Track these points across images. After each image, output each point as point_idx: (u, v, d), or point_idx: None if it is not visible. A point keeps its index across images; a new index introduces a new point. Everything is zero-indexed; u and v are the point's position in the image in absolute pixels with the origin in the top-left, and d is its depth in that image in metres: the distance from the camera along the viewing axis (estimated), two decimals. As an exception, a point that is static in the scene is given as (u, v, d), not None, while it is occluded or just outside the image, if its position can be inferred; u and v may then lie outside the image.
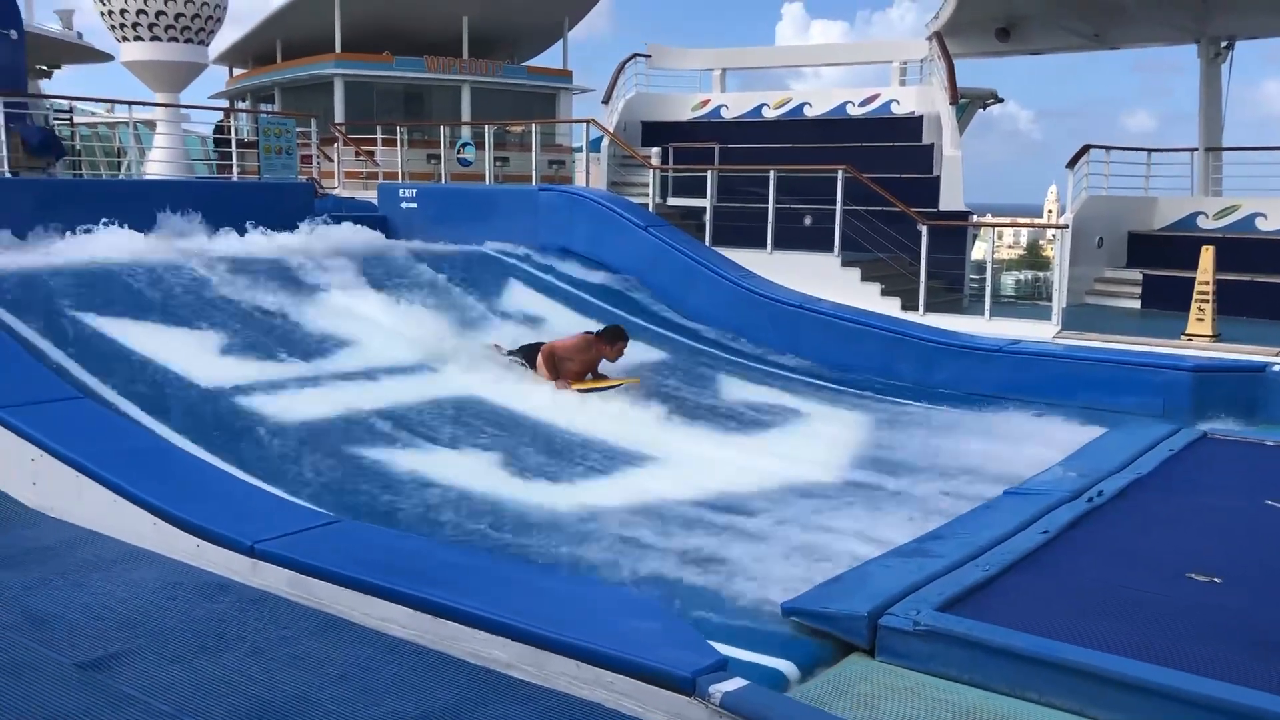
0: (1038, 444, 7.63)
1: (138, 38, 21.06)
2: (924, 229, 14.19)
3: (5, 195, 10.69)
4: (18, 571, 4.62)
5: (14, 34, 14.60)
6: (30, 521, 5.37)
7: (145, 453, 5.78)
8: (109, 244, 10.16)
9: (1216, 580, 4.77)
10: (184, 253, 10.04)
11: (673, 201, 18.21)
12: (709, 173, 17.04)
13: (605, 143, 19.68)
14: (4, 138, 13.14)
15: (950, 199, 17.58)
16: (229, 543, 4.70)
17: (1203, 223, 16.68)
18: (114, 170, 21.71)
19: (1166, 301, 14.63)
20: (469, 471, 6.82)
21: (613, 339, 8.99)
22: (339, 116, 23.49)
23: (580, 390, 8.59)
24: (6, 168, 13.15)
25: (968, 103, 23.69)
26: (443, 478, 6.64)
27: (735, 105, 22.01)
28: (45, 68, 25.06)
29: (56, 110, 18.43)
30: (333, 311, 9.64)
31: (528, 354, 9.06)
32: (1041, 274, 20.37)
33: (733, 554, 5.50)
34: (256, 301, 9.39)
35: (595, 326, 10.71)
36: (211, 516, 4.91)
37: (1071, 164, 15.17)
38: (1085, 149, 15.42)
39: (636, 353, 10.20)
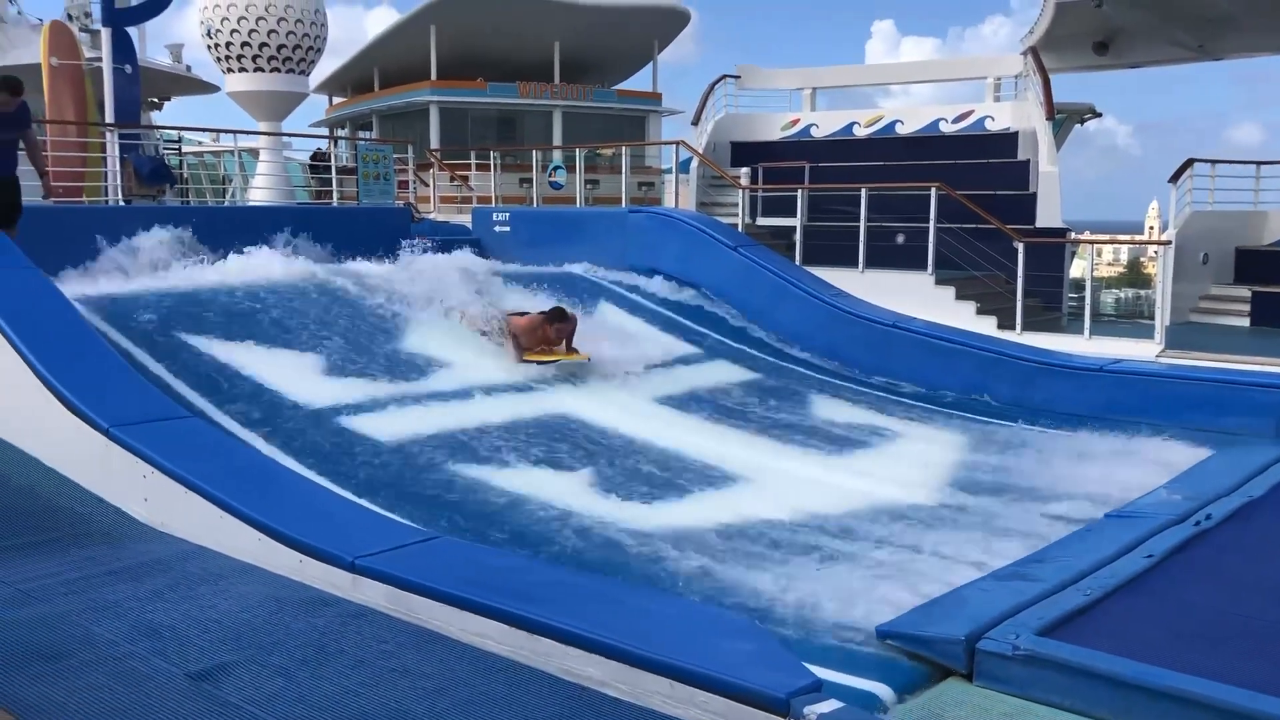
0: (1140, 466, 7.42)
1: (242, 69, 21.77)
2: (1020, 246, 13.93)
3: (120, 222, 11.14)
4: (133, 584, 4.79)
5: (129, 68, 15.23)
6: (142, 536, 5.57)
7: (250, 470, 5.96)
8: (217, 267, 10.52)
9: (1334, 608, 4.58)
10: (287, 276, 10.34)
11: (762, 221, 18.17)
12: (799, 192, 16.96)
13: (694, 164, 19.74)
14: (119, 168, 13.68)
15: (1047, 216, 17.21)
16: (331, 558, 4.81)
17: (1317, 237, 16.07)
18: (219, 197, 22.43)
19: (1278, 319, 14.11)
20: (561, 489, 6.89)
21: (550, 318, 9.80)
22: (434, 142, 23.98)
23: (530, 361, 9.53)
24: (120, 196, 13.68)
25: (1064, 118, 23.21)
26: (536, 495, 6.72)
27: (825, 124, 21.89)
28: (156, 100, 26.04)
29: (166, 140, 19.14)
30: (428, 332, 9.82)
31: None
32: (1143, 292, 19.82)
33: (826, 575, 5.46)
34: (356, 323, 9.63)
35: (692, 350, 10.93)
36: (314, 533, 5.03)
37: (1174, 179, 14.75)
38: (1189, 163, 14.99)
39: (725, 371, 10.25)
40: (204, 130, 23.36)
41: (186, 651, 4.05)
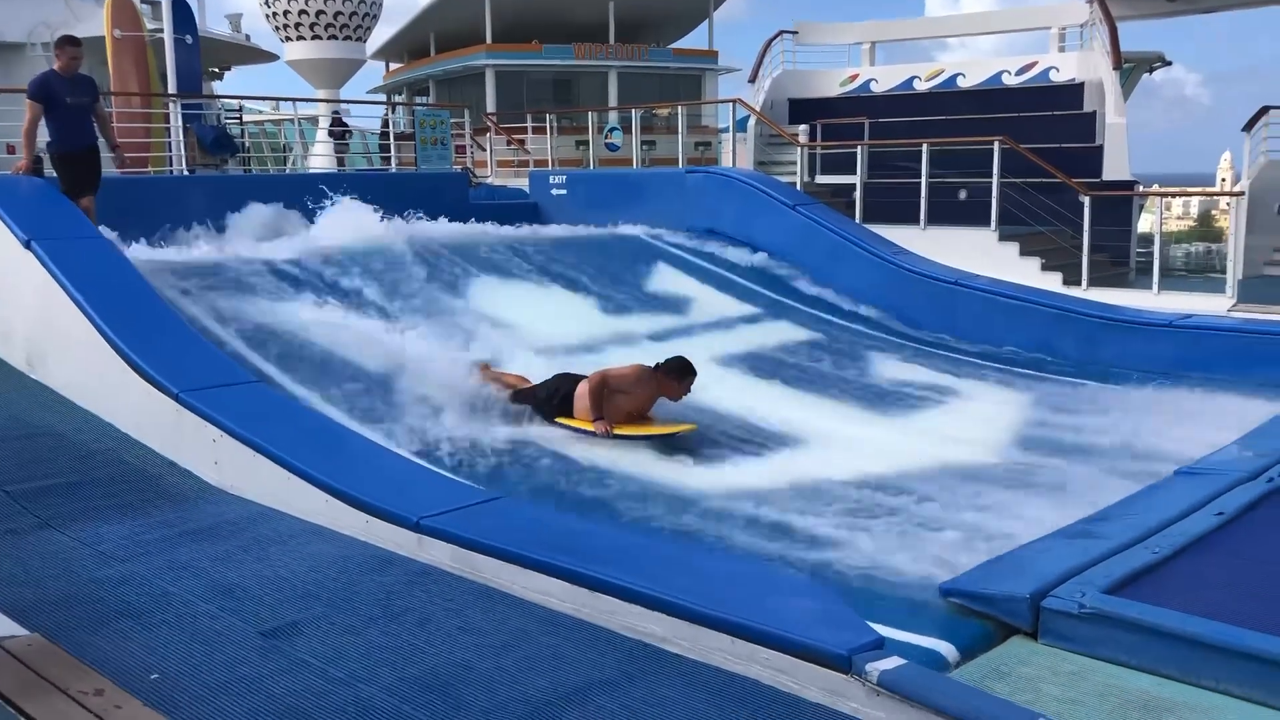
0: (1211, 422, 7.27)
1: (300, 37, 21.96)
2: (1086, 200, 13.64)
3: (186, 191, 11.33)
4: (205, 545, 4.92)
5: (189, 39, 15.43)
6: (213, 498, 5.70)
7: (317, 433, 6.06)
8: (278, 233, 10.67)
9: None
10: (348, 241, 10.44)
11: (821, 179, 17.97)
12: (859, 148, 16.73)
13: (752, 122, 19.54)
14: (183, 138, 13.89)
15: (1114, 169, 16.82)
16: (396, 519, 4.89)
17: (1397, 186, 15.50)
18: (280, 165, 22.70)
19: (1356, 271, 13.68)
20: (621, 452, 6.91)
21: (680, 374, 7.31)
22: (490, 106, 24.01)
23: (622, 435, 7.07)
24: (185, 165, 13.90)
25: (1132, 67, 22.60)
26: (596, 458, 6.75)
27: (885, 79, 21.54)
28: (216, 70, 26.34)
29: (227, 110, 19.38)
30: (488, 293, 9.90)
31: (555, 388, 7.44)
32: (1214, 245, 19.29)
33: (890, 534, 5.44)
34: (414, 285, 9.72)
35: (752, 309, 10.64)
36: (379, 494, 5.12)
37: (1248, 127, 14.30)
38: (1263, 110, 14.51)
39: (786, 332, 10.16)
40: (264, 99, 23.55)
41: (258, 610, 4.16)
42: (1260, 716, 3.46)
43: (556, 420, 7.30)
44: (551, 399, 7.35)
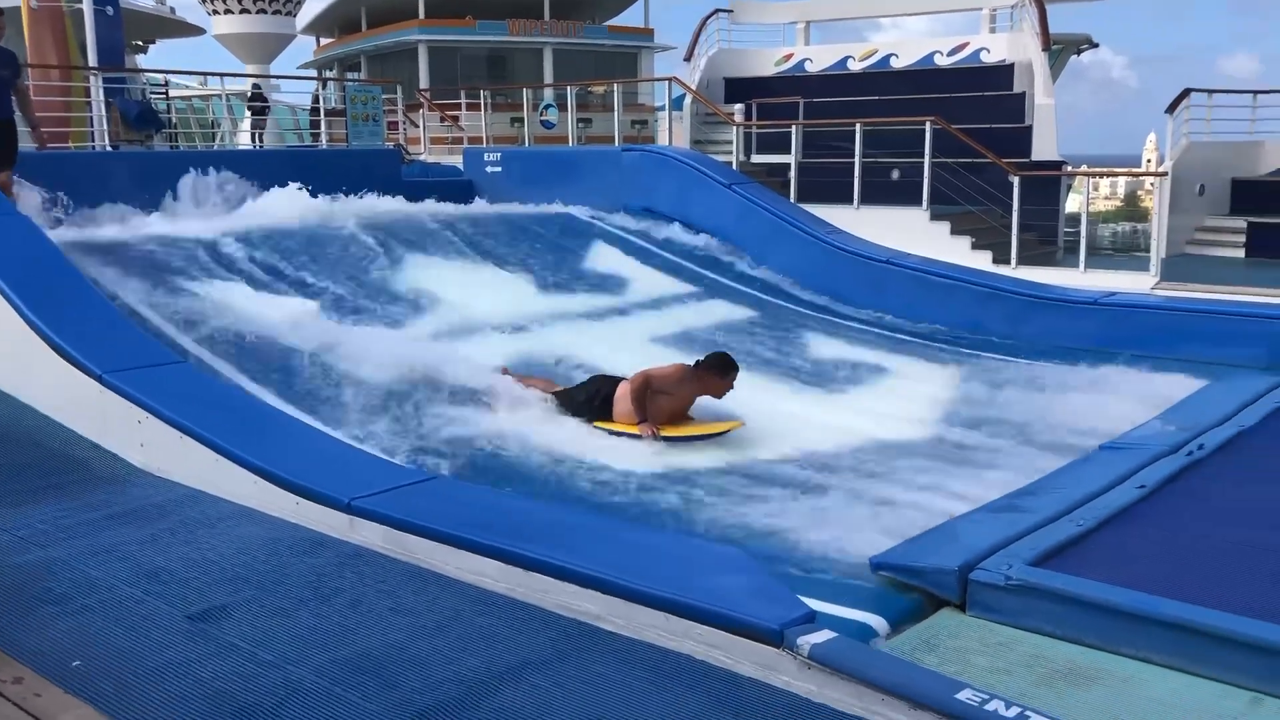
0: (1135, 398, 7.44)
1: (228, 10, 21.48)
2: (1016, 180, 13.86)
3: (110, 168, 11.04)
4: (131, 528, 4.81)
5: (110, 10, 15.01)
6: (139, 481, 5.59)
7: (246, 414, 5.96)
8: (206, 211, 10.45)
9: (1324, 535, 4.62)
10: (276, 219, 10.27)
11: (757, 158, 18.05)
12: (793, 128, 16.82)
13: (688, 101, 19.54)
14: (105, 112, 13.53)
15: (1043, 149, 17.11)
16: (327, 500, 4.83)
17: (1313, 167, 15.97)
18: (208, 142, 22.21)
19: (1273, 250, 14.08)
20: (555, 430, 6.90)
21: (722, 369, 7.02)
22: (424, 82, 23.72)
23: (671, 438, 6.80)
24: (107, 141, 13.55)
25: (1061, 49, 22.98)
26: (529, 436, 6.72)
27: (819, 58, 21.66)
28: (140, 43, 25.68)
29: (152, 85, 18.91)
30: (420, 273, 9.79)
31: (594, 391, 7.19)
32: (1139, 225, 19.73)
33: (821, 509, 5.49)
34: (346, 265, 9.59)
35: (688, 289, 10.60)
36: (310, 475, 5.05)
37: (1171, 109, 14.61)
38: (1186, 93, 14.84)
39: (721, 311, 10.20)
40: (191, 74, 23.03)
41: (186, 593, 4.08)
42: (1179, 682, 3.56)
43: (597, 424, 7.02)
44: (591, 402, 7.09)
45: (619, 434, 6.88)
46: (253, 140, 19.62)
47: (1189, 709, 3.39)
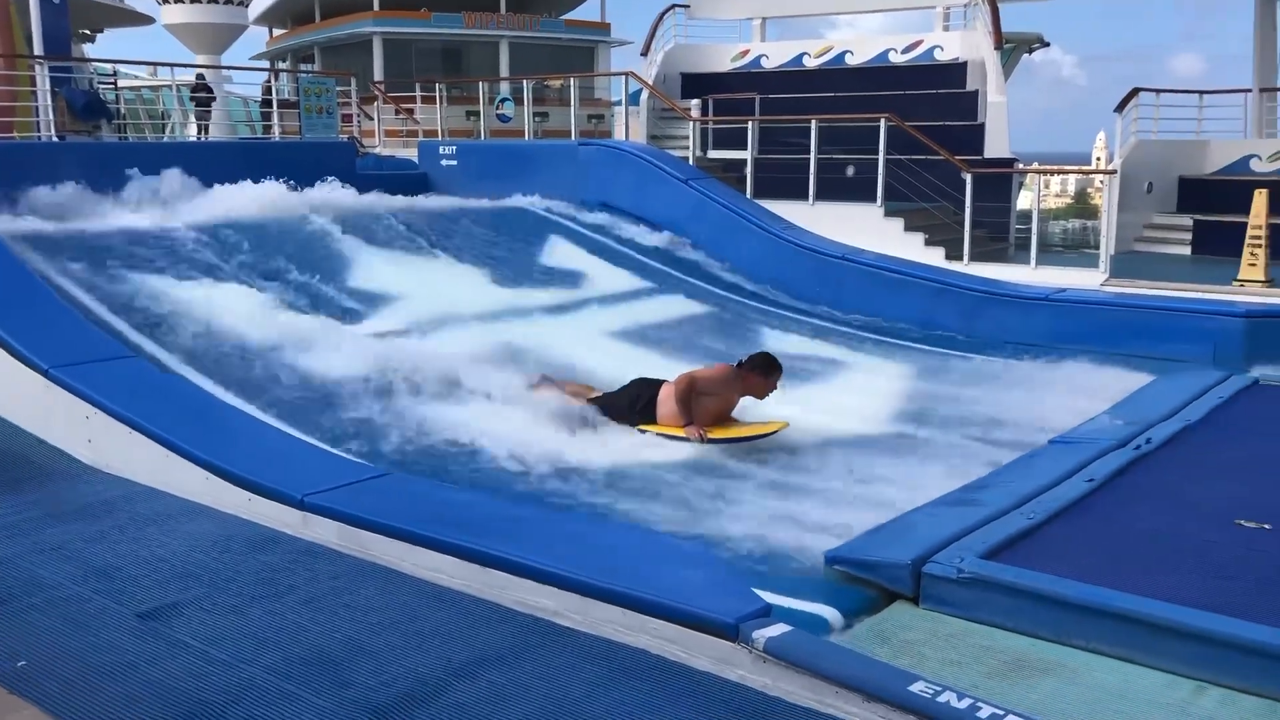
0: (1084, 393, 7.55)
1: (178, 0, 21.12)
2: (968, 177, 13.98)
3: (55, 159, 10.82)
4: (78, 525, 4.74)
5: (56, -2, 14.71)
6: (86, 478, 5.50)
7: (196, 409, 5.89)
8: (158, 204, 10.28)
9: (1266, 527, 4.72)
10: (229, 212, 10.13)
11: (713, 154, 18.06)
12: (749, 124, 16.85)
13: (644, 96, 19.51)
14: (50, 101, 13.25)
15: (995, 146, 17.27)
16: (279, 496, 4.79)
17: (1256, 166, 16.23)
18: (159, 133, 21.87)
19: (1218, 247, 14.29)
20: (512, 425, 6.86)
21: (766, 370, 6.95)
22: (378, 74, 23.51)
23: (719, 440, 6.67)
24: (54, 131, 13.28)
25: (1013, 47, 23.22)
26: (485, 431, 6.68)
27: (775, 55, 21.70)
28: (88, 31, 25.21)
29: (100, 74, 18.56)
30: (376, 268, 9.71)
31: (637, 394, 7.06)
32: (1089, 222, 20.00)
33: (776, 504, 5.52)
34: (300, 258, 9.48)
35: (644, 284, 10.59)
36: (262, 471, 5.00)
37: (1120, 108, 14.83)
38: (1134, 92, 15.06)
39: (678, 306, 10.21)
40: (140, 64, 22.65)
41: (135, 592, 4.03)
42: (1126, 672, 3.62)
43: (641, 428, 6.91)
44: (634, 405, 6.99)
45: (666, 437, 6.75)
46: (199, 132, 19.32)
47: (1136, 698, 3.45)
